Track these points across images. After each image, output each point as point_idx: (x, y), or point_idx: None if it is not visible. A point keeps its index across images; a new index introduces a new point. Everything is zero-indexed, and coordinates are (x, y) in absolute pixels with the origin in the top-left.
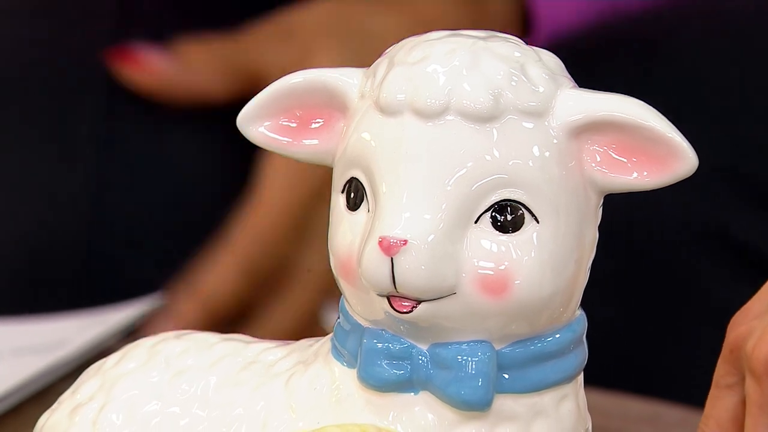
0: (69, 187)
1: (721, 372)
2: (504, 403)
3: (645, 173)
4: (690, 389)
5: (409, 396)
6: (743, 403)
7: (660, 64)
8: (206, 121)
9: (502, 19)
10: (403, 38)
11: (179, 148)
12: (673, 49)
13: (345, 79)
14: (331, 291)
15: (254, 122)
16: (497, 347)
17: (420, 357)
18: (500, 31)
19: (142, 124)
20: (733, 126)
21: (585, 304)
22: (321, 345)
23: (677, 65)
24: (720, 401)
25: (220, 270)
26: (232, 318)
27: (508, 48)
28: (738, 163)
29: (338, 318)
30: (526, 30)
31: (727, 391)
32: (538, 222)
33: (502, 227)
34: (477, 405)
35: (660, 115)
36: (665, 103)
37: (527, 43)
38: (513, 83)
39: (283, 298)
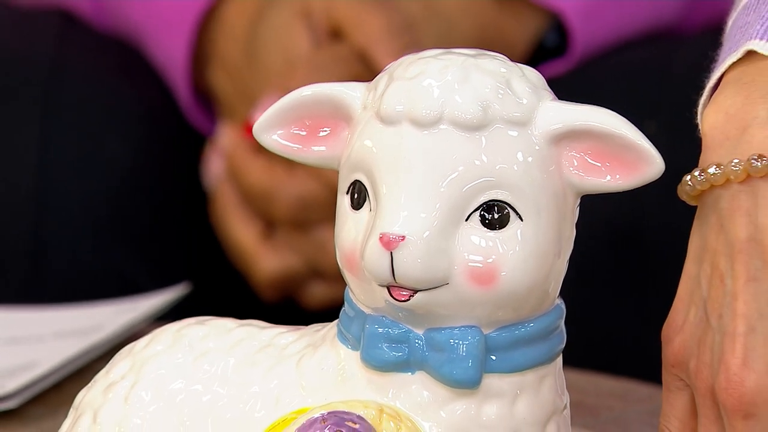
0: (12, 185)
1: (669, 379)
2: (491, 381)
3: (617, 176)
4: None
5: (407, 375)
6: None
7: (678, 84)
8: (138, 119)
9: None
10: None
11: (114, 145)
12: (686, 68)
13: (349, 92)
14: None
15: (268, 131)
16: (485, 332)
17: (416, 340)
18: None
19: (78, 124)
20: None
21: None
22: (328, 330)
23: (694, 85)
24: (676, 401)
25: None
26: None
27: (495, 64)
28: None
29: (344, 306)
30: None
31: (679, 393)
32: (522, 220)
33: (490, 224)
34: (467, 383)
35: (630, 124)
36: (678, 123)
37: (560, 58)
38: (499, 96)
39: None
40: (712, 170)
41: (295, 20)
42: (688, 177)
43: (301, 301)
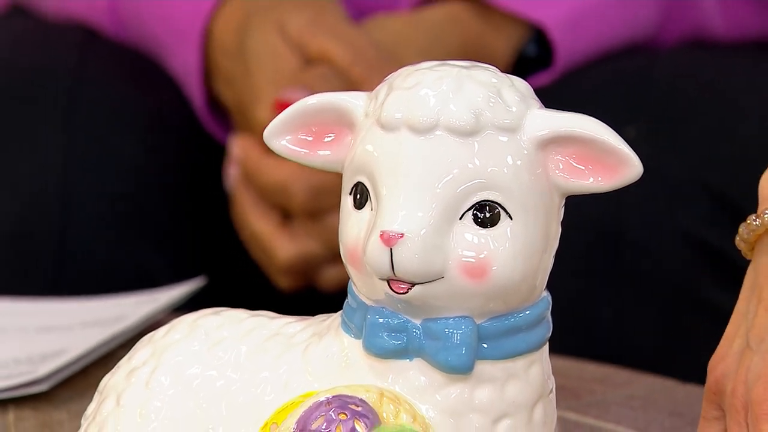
0: (39, 186)
1: (707, 408)
2: (483, 368)
3: (599, 178)
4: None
5: (405, 362)
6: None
7: (655, 93)
8: (154, 124)
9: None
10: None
11: (133, 148)
12: (663, 79)
13: (352, 101)
14: None
15: (278, 137)
16: (478, 322)
17: (414, 330)
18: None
19: (100, 129)
20: (710, 147)
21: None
22: (332, 320)
23: (669, 94)
24: (710, 430)
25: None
26: None
27: (487, 75)
28: (714, 182)
29: (347, 298)
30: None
31: (714, 422)
32: (511, 219)
33: (482, 223)
34: (461, 369)
35: (611, 130)
36: (655, 129)
37: (544, 70)
38: (491, 104)
39: None
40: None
41: (280, 42)
42: (744, 225)
43: (318, 284)
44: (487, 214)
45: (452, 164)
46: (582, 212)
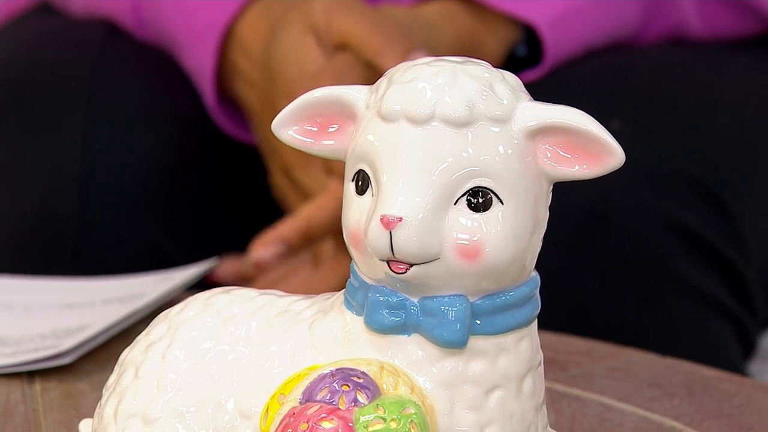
0: (61, 174)
1: None
2: (476, 342)
3: (585, 166)
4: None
5: (404, 337)
6: None
7: (638, 88)
8: (169, 116)
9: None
10: None
11: (148, 138)
12: (644, 74)
13: (354, 93)
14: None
15: (285, 127)
16: (471, 300)
17: (412, 307)
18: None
19: (117, 120)
20: (689, 138)
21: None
22: (336, 298)
23: (651, 89)
24: None
25: (321, 202)
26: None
27: (480, 70)
28: (693, 171)
29: (350, 278)
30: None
31: None
32: (502, 203)
33: (475, 207)
34: (456, 344)
35: (596, 121)
36: (638, 122)
37: (533, 67)
38: (483, 97)
39: None
40: None
41: (306, 36)
42: None
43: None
44: (480, 200)
45: (447, 153)
46: (570, 198)
